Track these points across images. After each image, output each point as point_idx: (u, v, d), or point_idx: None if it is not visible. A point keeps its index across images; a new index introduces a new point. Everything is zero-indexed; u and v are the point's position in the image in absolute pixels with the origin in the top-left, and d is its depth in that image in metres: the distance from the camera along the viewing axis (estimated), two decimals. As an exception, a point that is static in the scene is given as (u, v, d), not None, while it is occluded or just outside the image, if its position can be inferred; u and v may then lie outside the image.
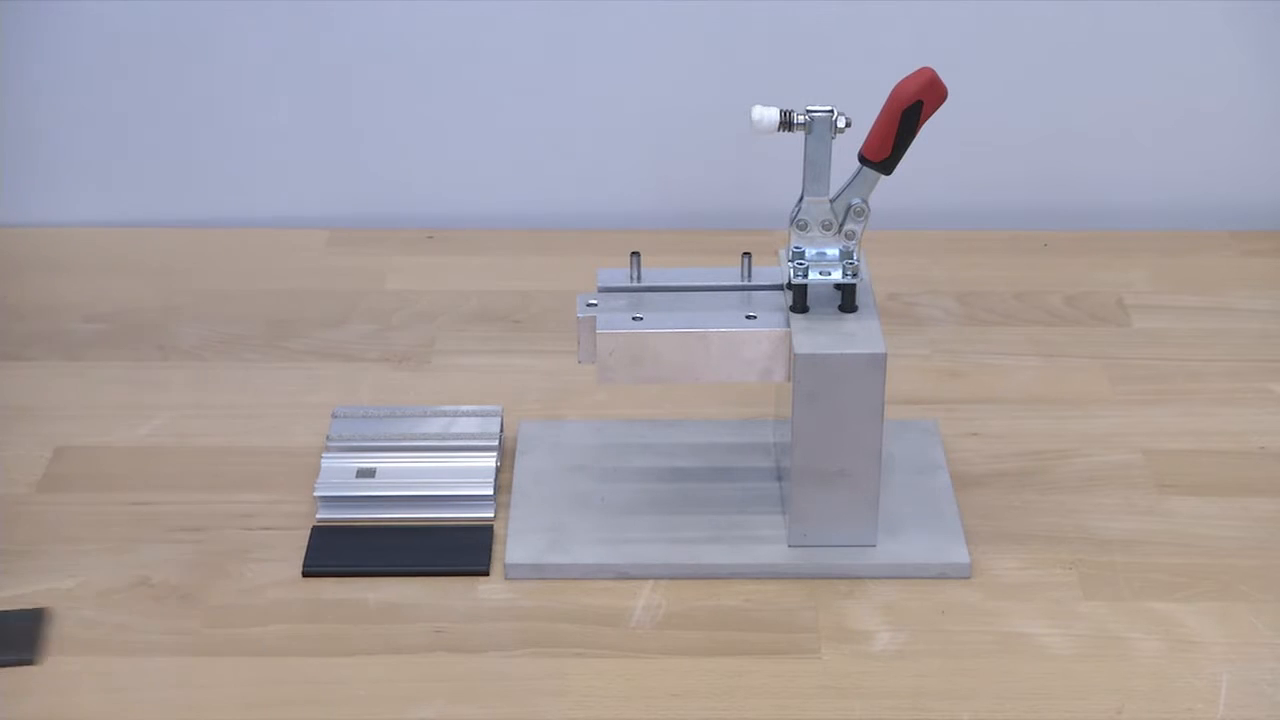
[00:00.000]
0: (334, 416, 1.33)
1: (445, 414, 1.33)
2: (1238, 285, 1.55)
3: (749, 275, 1.23)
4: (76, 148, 1.63)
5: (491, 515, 1.27)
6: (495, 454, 1.30)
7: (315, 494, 1.27)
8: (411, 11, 1.58)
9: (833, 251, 1.21)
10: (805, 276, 1.20)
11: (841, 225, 1.21)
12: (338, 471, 1.29)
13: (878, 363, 1.17)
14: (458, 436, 1.31)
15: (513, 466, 1.31)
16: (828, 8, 1.58)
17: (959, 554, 1.23)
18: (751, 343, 1.20)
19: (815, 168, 1.19)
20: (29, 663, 1.14)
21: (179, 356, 1.44)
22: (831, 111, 1.18)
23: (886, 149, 1.17)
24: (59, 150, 1.64)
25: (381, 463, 1.30)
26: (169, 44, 1.59)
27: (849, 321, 1.20)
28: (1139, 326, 1.50)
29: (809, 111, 1.18)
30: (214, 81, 1.61)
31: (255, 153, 1.64)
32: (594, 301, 1.22)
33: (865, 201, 1.20)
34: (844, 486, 1.21)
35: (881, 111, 1.17)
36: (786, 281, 1.21)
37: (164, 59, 1.60)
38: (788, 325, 1.19)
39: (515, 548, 1.23)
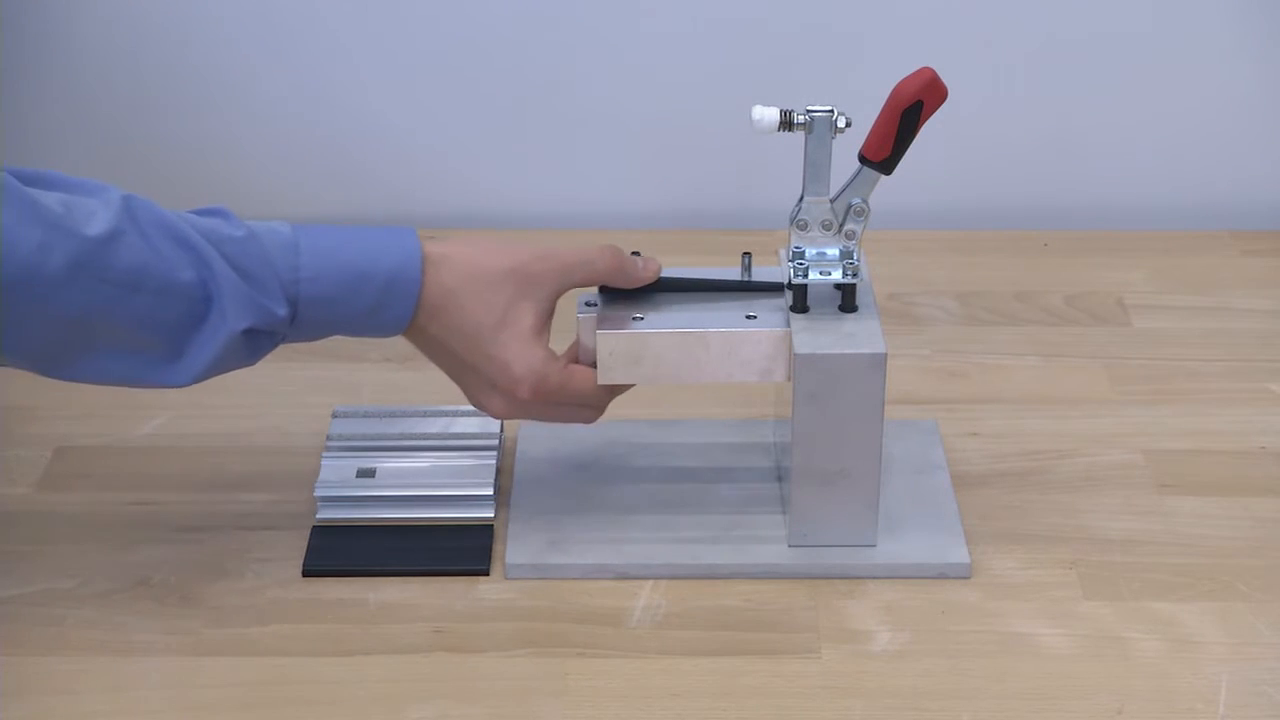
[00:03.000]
0: (334, 416, 1.33)
1: (445, 414, 1.33)
2: (1238, 285, 1.55)
3: (749, 275, 1.23)
4: (75, 147, 1.63)
5: (491, 515, 1.27)
6: (495, 454, 1.30)
7: (315, 494, 1.27)
8: (411, 11, 1.58)
9: (833, 251, 1.21)
10: (805, 276, 1.20)
11: (841, 225, 1.21)
12: (338, 471, 1.29)
13: (878, 363, 1.17)
14: (458, 436, 1.31)
15: (513, 466, 1.31)
16: (828, 7, 1.58)
17: (959, 554, 1.23)
18: (751, 343, 1.20)
19: (815, 168, 1.19)
20: None
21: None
22: (831, 111, 1.18)
23: (886, 149, 1.17)
24: (58, 150, 1.64)
25: (381, 463, 1.30)
26: (166, 41, 1.59)
27: (849, 321, 1.20)
28: (1139, 326, 1.50)
29: (809, 111, 1.18)
30: (212, 81, 1.61)
31: (254, 153, 1.64)
32: (594, 301, 1.22)
33: (865, 201, 1.20)
34: (844, 486, 1.21)
35: (881, 111, 1.17)
36: (787, 281, 1.21)
37: (161, 57, 1.60)
38: (788, 325, 1.19)
39: (515, 548, 1.23)
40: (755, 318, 1.20)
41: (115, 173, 1.63)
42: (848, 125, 1.18)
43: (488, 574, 1.23)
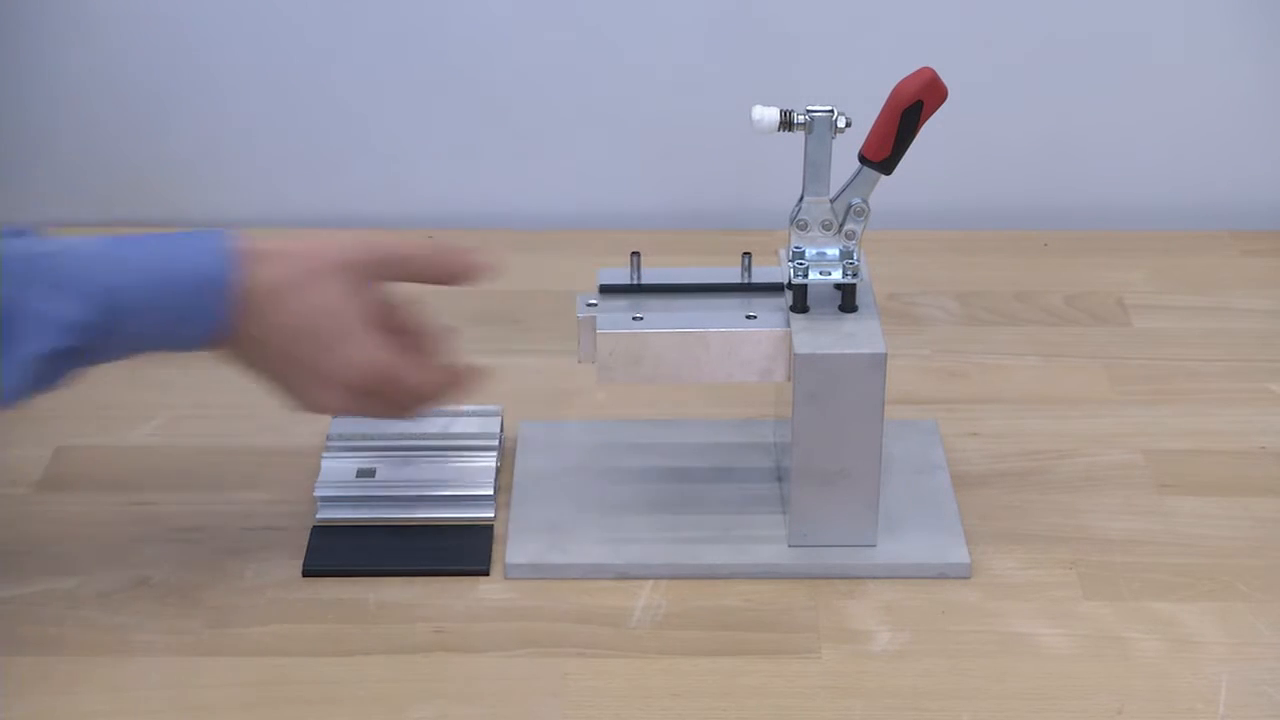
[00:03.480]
0: (334, 416, 1.33)
1: (445, 414, 1.33)
2: (1238, 285, 1.56)
3: (749, 275, 1.23)
4: (74, 148, 1.63)
5: (491, 515, 1.27)
6: (495, 454, 1.30)
7: (315, 494, 1.27)
8: (410, 11, 1.58)
9: (833, 251, 1.21)
10: (805, 276, 1.20)
11: (841, 225, 1.21)
12: (338, 471, 1.29)
13: (878, 363, 1.17)
14: (458, 436, 1.31)
15: (513, 466, 1.31)
16: (828, 7, 1.58)
17: (959, 554, 1.23)
18: (751, 343, 1.20)
19: (815, 168, 1.19)
20: None
21: (179, 356, 1.44)
22: (831, 111, 1.18)
23: (886, 149, 1.17)
24: (57, 150, 1.64)
25: (381, 463, 1.30)
26: (164, 41, 1.59)
27: (849, 321, 1.20)
28: (1139, 326, 1.50)
29: (809, 111, 1.18)
30: (211, 80, 1.61)
31: (253, 152, 1.64)
32: (594, 301, 1.22)
33: (865, 201, 1.20)
34: (844, 486, 1.21)
35: (881, 111, 1.17)
36: (787, 281, 1.21)
37: (159, 57, 1.60)
38: (788, 325, 1.19)
39: (515, 548, 1.23)
40: (755, 318, 1.20)
41: (110, 174, 1.64)
42: (848, 125, 1.18)
43: (488, 574, 1.23)
